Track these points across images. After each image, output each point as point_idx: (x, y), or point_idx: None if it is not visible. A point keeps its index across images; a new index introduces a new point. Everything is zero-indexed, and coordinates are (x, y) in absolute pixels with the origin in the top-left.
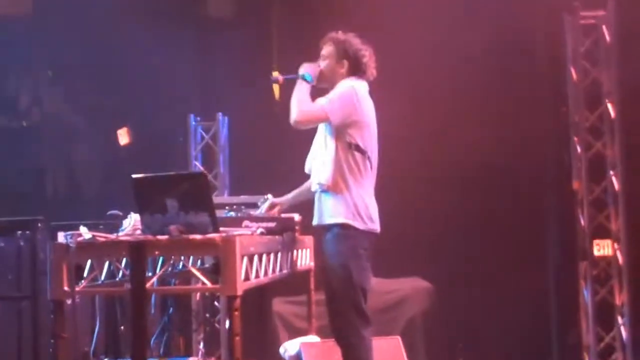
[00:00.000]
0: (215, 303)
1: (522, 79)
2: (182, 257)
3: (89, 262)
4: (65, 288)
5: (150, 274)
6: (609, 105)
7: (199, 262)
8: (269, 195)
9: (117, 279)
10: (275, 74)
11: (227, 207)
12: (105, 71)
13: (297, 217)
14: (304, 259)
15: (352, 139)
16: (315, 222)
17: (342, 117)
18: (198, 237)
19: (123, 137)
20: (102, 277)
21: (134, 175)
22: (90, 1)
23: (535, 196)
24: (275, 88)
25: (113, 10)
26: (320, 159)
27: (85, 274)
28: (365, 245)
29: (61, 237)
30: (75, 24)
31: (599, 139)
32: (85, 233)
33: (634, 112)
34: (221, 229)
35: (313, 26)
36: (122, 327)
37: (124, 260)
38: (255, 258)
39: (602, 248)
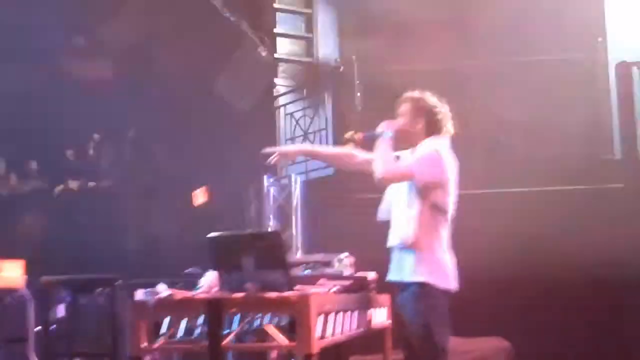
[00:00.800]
0: None
1: None
2: (259, 315)
3: (167, 319)
4: (144, 345)
5: (226, 331)
6: None
7: (275, 319)
8: (345, 254)
9: (194, 336)
10: (350, 133)
11: (303, 265)
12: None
13: (372, 275)
14: (381, 317)
15: (437, 200)
16: (392, 277)
17: (428, 179)
18: (274, 295)
19: (199, 197)
20: (180, 334)
21: (210, 235)
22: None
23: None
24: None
25: None
26: (404, 216)
27: (163, 331)
28: (445, 304)
29: (140, 294)
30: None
31: None
32: (163, 290)
33: None
34: (297, 287)
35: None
36: None
37: (201, 317)
38: (331, 316)
39: None
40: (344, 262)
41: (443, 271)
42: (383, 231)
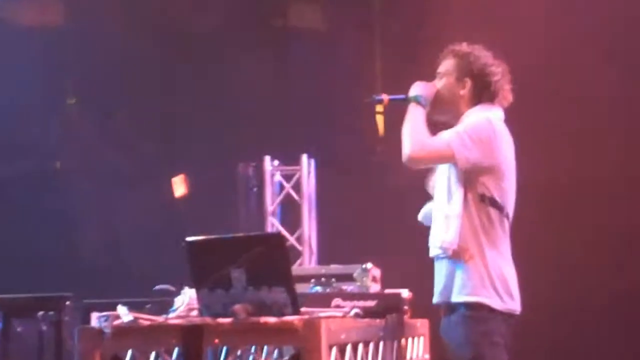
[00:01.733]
0: None
1: None
2: (252, 347)
3: (129, 351)
4: None
5: None
6: None
7: (274, 352)
8: (370, 265)
9: None
10: (376, 98)
11: (312, 281)
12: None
13: (405, 293)
14: (416, 350)
15: (486, 189)
16: (436, 299)
17: (474, 160)
18: (272, 320)
19: (179, 186)
20: None
21: (188, 238)
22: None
23: None
24: (379, 120)
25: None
26: (441, 213)
27: None
28: (503, 331)
29: (94, 319)
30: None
31: None
32: (124, 315)
33: None
34: (303, 309)
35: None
36: None
37: (175, 350)
38: (348, 348)
39: None
40: (368, 276)
41: (502, 287)
42: (426, 233)
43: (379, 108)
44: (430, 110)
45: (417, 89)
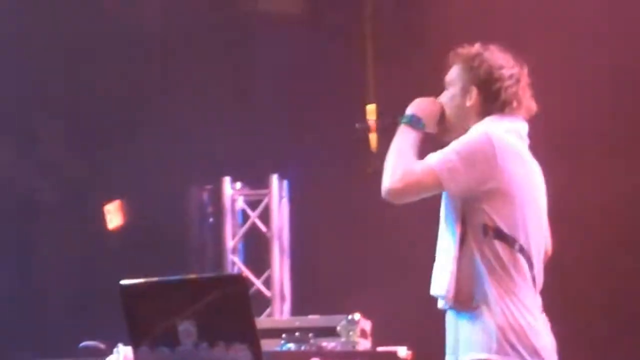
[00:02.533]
0: None
1: None
2: None
3: None
4: None
5: None
6: None
7: None
8: (357, 315)
9: None
10: (371, 113)
11: (284, 336)
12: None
13: (403, 352)
14: None
15: (488, 218)
16: (448, 358)
17: (466, 185)
18: None
19: (114, 216)
20: None
21: (124, 282)
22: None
23: None
24: (372, 137)
25: None
26: (440, 253)
27: None
28: None
29: None
30: None
31: None
32: None
33: None
34: None
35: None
36: None
37: None
38: None
39: None
40: (356, 329)
41: (518, 341)
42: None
43: (371, 116)
44: (439, 131)
45: (414, 106)
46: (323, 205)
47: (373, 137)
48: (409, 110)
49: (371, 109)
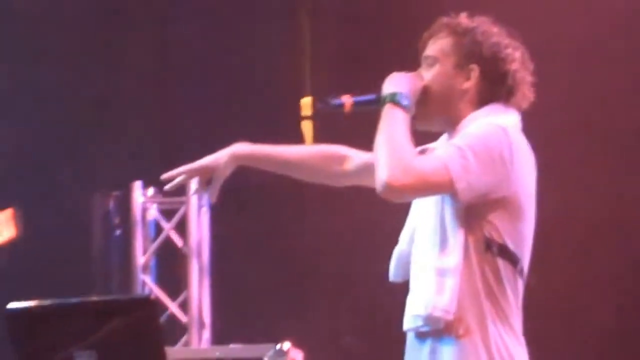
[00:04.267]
0: None
1: None
2: None
3: None
4: None
5: None
6: None
7: None
8: (287, 344)
9: None
10: (306, 107)
11: None
12: None
13: None
14: None
15: (495, 232)
16: None
17: (481, 189)
18: None
19: (5, 227)
20: None
21: (11, 305)
22: None
23: None
24: (306, 127)
25: None
26: (430, 267)
27: None
28: None
29: None
30: None
31: None
32: None
33: None
34: None
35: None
36: None
37: None
38: None
39: None
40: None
41: None
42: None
43: (306, 111)
44: (415, 115)
45: (394, 83)
46: (249, 216)
47: (308, 128)
48: (390, 86)
49: (306, 103)
